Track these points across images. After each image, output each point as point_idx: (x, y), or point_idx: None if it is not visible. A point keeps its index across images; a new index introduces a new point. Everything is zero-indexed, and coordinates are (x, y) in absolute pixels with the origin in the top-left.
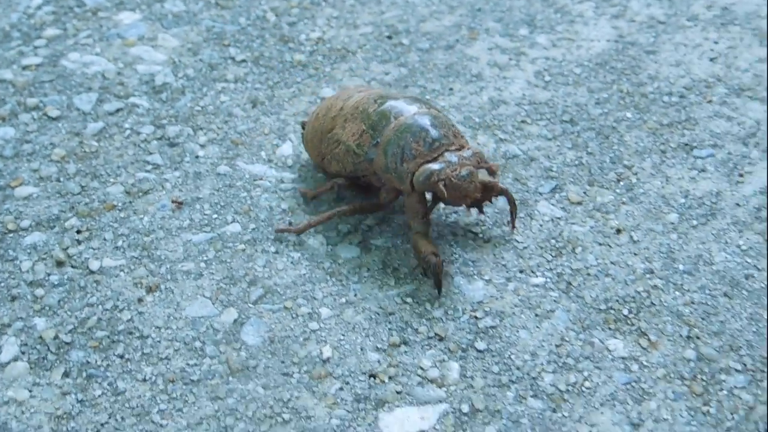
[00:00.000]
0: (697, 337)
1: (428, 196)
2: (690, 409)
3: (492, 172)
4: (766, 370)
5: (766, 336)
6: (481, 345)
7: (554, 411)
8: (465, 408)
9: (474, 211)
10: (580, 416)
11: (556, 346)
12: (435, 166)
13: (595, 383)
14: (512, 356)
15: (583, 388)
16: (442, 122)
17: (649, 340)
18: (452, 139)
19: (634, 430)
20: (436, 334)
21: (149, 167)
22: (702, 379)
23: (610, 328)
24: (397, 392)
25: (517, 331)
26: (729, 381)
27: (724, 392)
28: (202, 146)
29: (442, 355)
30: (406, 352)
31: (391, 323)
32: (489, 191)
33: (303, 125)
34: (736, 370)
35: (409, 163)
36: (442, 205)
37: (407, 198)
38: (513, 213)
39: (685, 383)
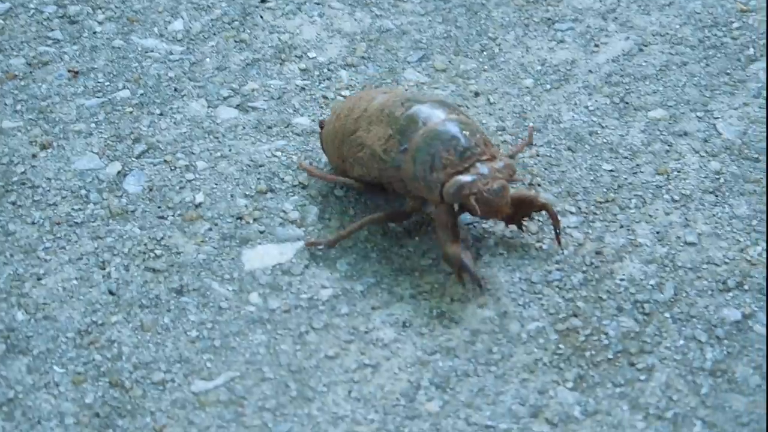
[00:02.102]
0: (539, 185)
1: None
2: (524, 246)
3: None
4: (599, 213)
5: None
6: (339, 192)
7: (401, 247)
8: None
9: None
10: (424, 251)
11: None
12: (466, 178)
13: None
14: (368, 201)
15: (430, 227)
16: (472, 129)
17: None
18: (483, 149)
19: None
20: (300, 182)
21: (50, 42)
22: (538, 220)
23: None
24: (260, 232)
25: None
26: (563, 222)
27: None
28: (100, 23)
29: (304, 201)
30: (271, 198)
31: (260, 174)
32: (528, 206)
33: (321, 124)
34: (571, 213)
35: (438, 172)
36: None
37: (435, 209)
38: (556, 228)
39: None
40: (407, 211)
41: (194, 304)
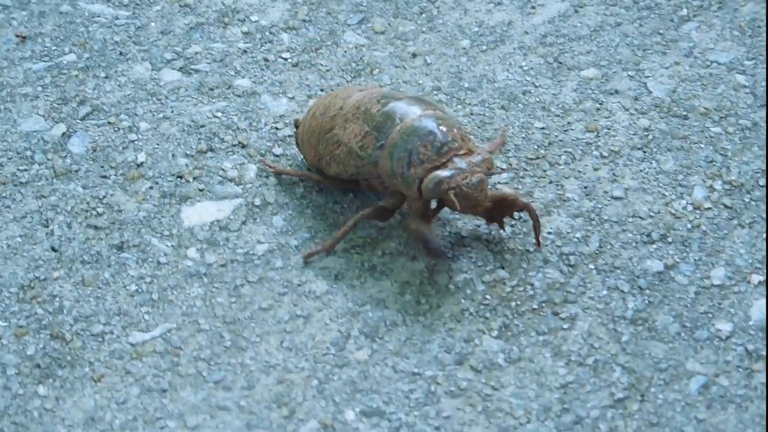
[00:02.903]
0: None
1: (434, 202)
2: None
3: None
4: (529, 169)
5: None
6: (278, 150)
7: (335, 203)
8: (257, 201)
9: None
10: (358, 207)
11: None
12: (444, 173)
13: None
14: (305, 160)
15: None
16: (449, 125)
17: None
18: (460, 143)
19: None
20: (239, 142)
21: None
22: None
23: None
24: (200, 190)
25: None
26: (494, 178)
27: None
28: None
29: (243, 159)
30: (211, 157)
31: (201, 134)
32: (510, 206)
33: (296, 123)
34: (502, 169)
35: (416, 168)
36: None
37: (412, 201)
38: (536, 229)
39: None
40: (389, 208)
41: (134, 259)
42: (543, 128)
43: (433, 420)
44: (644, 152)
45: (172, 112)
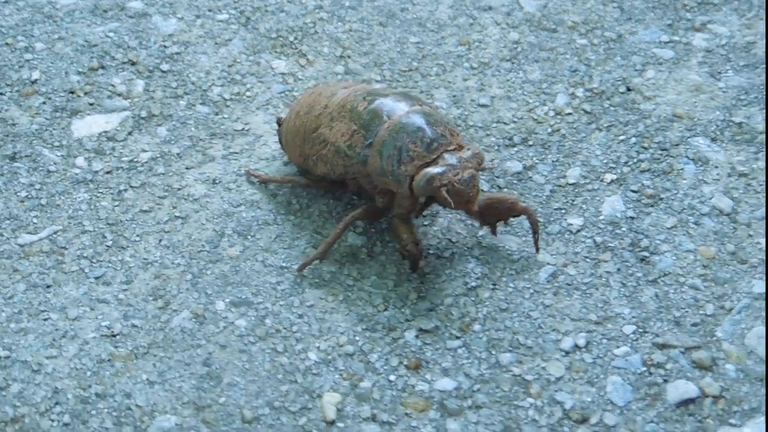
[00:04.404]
0: (349, 57)
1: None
2: None
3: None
4: (401, 80)
5: None
6: (165, 67)
7: (217, 114)
8: (143, 114)
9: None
10: (238, 117)
11: (228, 66)
12: (435, 169)
13: (255, 93)
14: (190, 75)
15: (245, 97)
16: (437, 120)
17: (306, 59)
18: (450, 138)
19: None
20: (129, 60)
21: None
22: None
23: (276, 52)
24: (90, 104)
25: (198, 56)
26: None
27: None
28: None
29: (132, 76)
30: (102, 74)
31: (93, 53)
32: (507, 210)
33: (278, 122)
34: (376, 81)
35: (406, 165)
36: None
37: (402, 199)
38: (536, 233)
39: None
40: (381, 208)
41: (25, 168)
42: (418, 42)
43: (297, 308)
44: (512, 63)
45: (66, 33)
